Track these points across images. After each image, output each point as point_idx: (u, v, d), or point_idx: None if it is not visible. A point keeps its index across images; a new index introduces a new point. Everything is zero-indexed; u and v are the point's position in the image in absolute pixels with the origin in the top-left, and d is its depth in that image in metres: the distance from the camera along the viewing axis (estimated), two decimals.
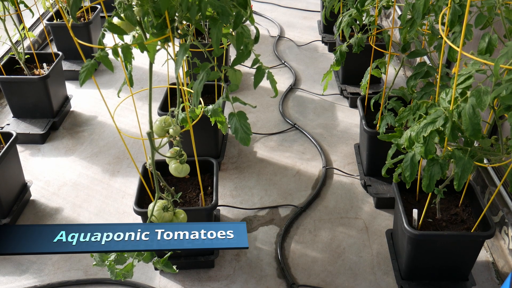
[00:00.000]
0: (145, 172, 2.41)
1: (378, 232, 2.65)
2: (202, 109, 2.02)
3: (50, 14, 4.23)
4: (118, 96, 1.85)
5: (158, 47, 1.69)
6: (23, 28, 3.44)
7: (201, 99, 2.25)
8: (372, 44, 2.70)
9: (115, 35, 1.61)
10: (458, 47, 1.64)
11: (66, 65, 4.12)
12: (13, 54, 3.40)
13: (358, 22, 3.16)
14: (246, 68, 4.20)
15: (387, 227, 2.67)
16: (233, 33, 1.62)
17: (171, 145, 2.76)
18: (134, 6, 1.55)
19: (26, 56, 3.38)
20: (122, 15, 1.52)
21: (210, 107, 1.91)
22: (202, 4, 1.46)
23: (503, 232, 2.49)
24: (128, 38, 1.82)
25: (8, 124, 3.41)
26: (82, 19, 4.19)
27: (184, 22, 1.68)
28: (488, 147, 1.87)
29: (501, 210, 2.53)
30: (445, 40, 1.61)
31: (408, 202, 2.35)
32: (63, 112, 3.56)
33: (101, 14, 4.64)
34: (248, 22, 1.66)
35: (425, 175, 1.80)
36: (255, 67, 1.65)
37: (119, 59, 1.57)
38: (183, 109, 1.98)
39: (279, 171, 3.08)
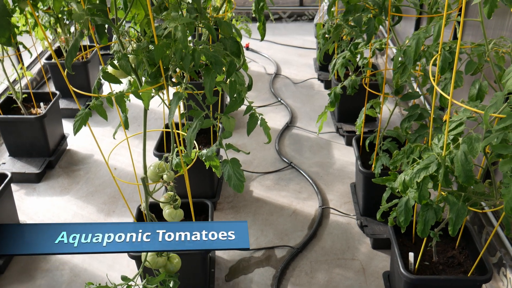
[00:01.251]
0: (139, 215, 2.40)
1: (375, 273, 2.62)
2: (196, 153, 2.03)
3: (49, 52, 4.28)
4: (114, 138, 1.86)
5: (152, 94, 1.71)
6: (21, 68, 3.48)
7: (195, 142, 2.26)
8: (366, 87, 2.73)
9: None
10: (449, 93, 1.66)
11: (63, 103, 4.15)
12: (11, 94, 3.43)
13: (352, 62, 3.21)
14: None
15: (384, 269, 2.64)
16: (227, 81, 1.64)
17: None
18: (129, 55, 1.58)
19: (24, 96, 3.41)
20: (117, 64, 1.54)
21: (205, 151, 1.92)
22: (196, 54, 1.49)
23: (501, 274, 2.46)
24: (124, 81, 1.84)
25: (4, 163, 3.41)
26: (80, 57, 4.24)
27: (178, 69, 1.70)
28: (482, 191, 1.87)
29: (499, 251, 2.51)
30: (436, 88, 1.63)
31: (404, 244, 2.34)
32: (59, 151, 3.57)
33: (101, 52, 4.71)
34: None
35: (419, 220, 1.79)
36: (248, 114, 1.66)
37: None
38: (177, 154, 1.99)
39: (275, 211, 3.07)
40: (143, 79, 1.67)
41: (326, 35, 2.62)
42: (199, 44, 1.52)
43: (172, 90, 3.57)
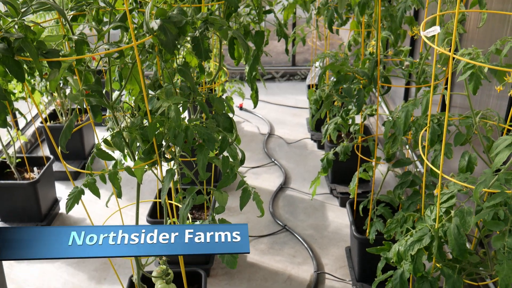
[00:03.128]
0: (131, 286, 2.36)
1: None
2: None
3: (44, 116, 4.32)
4: (107, 206, 1.86)
5: (145, 168, 1.72)
6: (16, 133, 3.50)
7: (189, 215, 2.25)
8: (358, 153, 2.76)
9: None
10: (439, 166, 1.68)
11: (57, 166, 4.15)
12: (4, 159, 3.43)
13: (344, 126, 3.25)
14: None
15: None
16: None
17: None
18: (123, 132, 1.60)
19: (18, 160, 3.41)
20: (111, 141, 1.56)
21: (197, 223, 1.91)
22: (189, 132, 1.51)
23: None
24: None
25: None
26: (73, 112, 4.28)
27: (171, 144, 1.72)
28: (477, 262, 1.86)
29: None
30: (426, 162, 1.65)
31: None
32: (51, 215, 3.53)
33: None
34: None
35: None
36: (241, 189, 1.67)
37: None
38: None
39: (270, 277, 3.02)
40: (136, 154, 1.69)
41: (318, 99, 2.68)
42: (192, 121, 1.55)
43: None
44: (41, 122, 4.21)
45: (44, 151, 4.45)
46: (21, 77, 1.37)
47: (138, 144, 1.64)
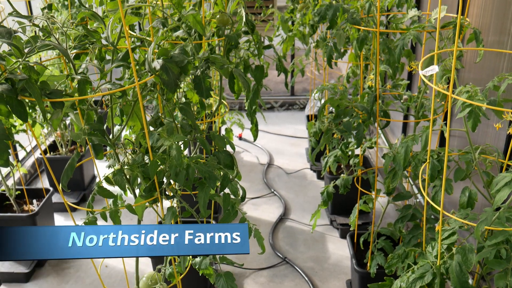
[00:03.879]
0: None
1: None
2: (190, 261, 2.01)
3: (43, 147, 4.33)
4: None
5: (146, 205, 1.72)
6: (16, 165, 3.50)
7: None
8: (358, 186, 2.76)
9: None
10: (440, 202, 1.68)
11: (56, 197, 4.13)
12: (4, 191, 3.42)
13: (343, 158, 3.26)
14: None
15: None
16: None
17: None
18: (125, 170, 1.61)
19: (17, 193, 3.40)
20: (112, 179, 1.56)
21: (198, 259, 1.90)
22: (190, 170, 1.52)
23: None
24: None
25: None
26: (74, 151, 4.29)
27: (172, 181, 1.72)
28: None
29: None
30: (426, 198, 1.65)
31: None
32: None
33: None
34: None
35: None
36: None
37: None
38: (170, 262, 1.96)
39: None
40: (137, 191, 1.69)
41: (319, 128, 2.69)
42: (193, 158, 1.56)
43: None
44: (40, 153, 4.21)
45: (44, 181, 4.44)
46: (25, 117, 1.38)
47: (139, 181, 1.64)
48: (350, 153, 2.86)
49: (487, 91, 1.71)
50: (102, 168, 4.29)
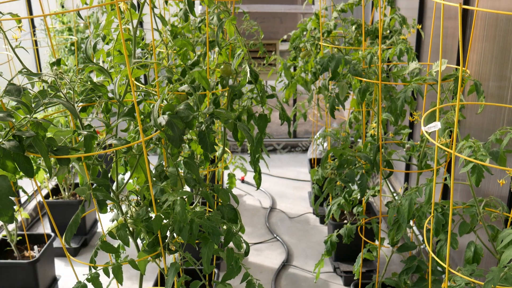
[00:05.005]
0: None
1: None
2: None
3: (46, 191, 4.33)
4: None
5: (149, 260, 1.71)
6: (18, 210, 3.49)
7: None
8: (362, 235, 2.74)
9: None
10: (445, 257, 1.67)
11: (57, 242, 4.10)
12: (5, 236, 3.40)
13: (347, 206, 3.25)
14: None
15: None
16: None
17: None
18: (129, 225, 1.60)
19: (18, 238, 3.38)
20: (116, 234, 1.56)
21: None
22: (194, 225, 1.51)
23: None
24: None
25: None
26: (77, 196, 4.28)
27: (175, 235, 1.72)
28: None
29: None
30: (431, 254, 1.64)
31: None
32: None
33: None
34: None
35: None
36: (245, 281, 1.65)
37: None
38: None
39: None
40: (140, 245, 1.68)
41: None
42: (196, 214, 1.56)
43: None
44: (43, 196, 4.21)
45: (45, 225, 4.41)
46: (31, 173, 1.39)
47: (142, 235, 1.64)
48: (353, 200, 2.85)
49: (489, 144, 1.73)
50: (104, 215, 4.27)
